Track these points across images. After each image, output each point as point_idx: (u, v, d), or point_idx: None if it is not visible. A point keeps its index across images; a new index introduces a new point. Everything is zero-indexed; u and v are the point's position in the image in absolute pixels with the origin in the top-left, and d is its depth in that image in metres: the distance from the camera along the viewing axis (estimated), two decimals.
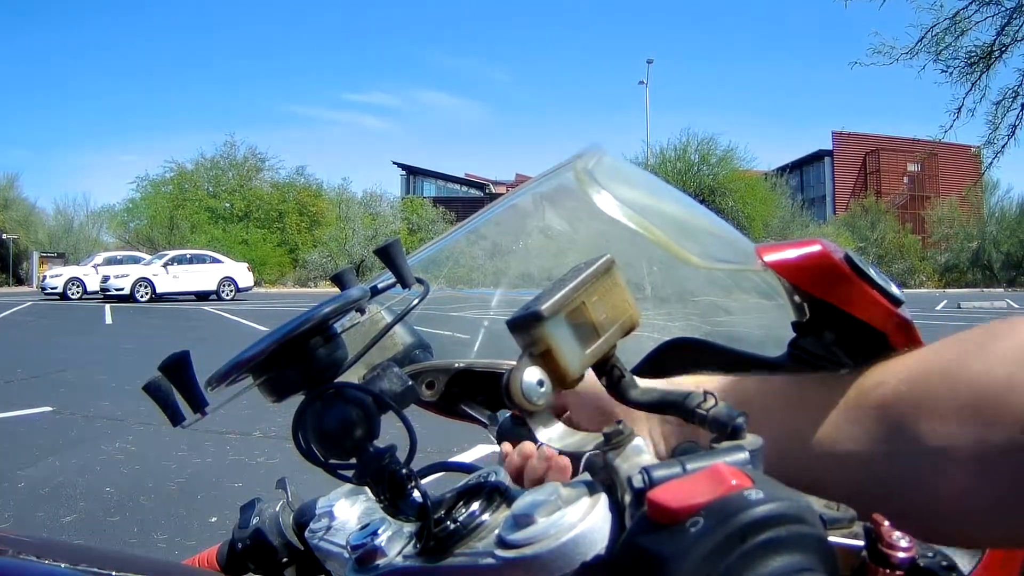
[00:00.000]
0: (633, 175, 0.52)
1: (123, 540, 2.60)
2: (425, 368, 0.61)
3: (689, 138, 34.47)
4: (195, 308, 16.49)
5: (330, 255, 30.67)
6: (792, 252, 0.38)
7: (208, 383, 0.35)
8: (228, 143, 34.11)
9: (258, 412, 4.25)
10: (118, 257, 22.45)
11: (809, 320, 0.40)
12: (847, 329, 0.38)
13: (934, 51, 8.09)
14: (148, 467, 3.52)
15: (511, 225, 0.62)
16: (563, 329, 0.32)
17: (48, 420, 4.57)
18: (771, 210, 34.99)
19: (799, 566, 0.22)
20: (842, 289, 0.37)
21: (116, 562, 0.43)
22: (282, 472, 0.70)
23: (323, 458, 0.35)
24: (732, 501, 0.23)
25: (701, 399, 0.32)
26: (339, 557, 0.47)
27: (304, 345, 0.36)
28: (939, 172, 40.94)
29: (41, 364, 6.92)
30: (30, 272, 28.30)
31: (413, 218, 34.63)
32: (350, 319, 0.49)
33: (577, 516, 0.30)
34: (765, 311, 0.45)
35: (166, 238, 29.92)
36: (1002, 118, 8.26)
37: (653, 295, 0.52)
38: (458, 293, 0.68)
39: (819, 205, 43.39)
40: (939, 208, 38.03)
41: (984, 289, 32.78)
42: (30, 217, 32.51)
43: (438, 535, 0.35)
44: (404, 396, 0.37)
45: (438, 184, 48.49)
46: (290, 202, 33.25)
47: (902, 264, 35.35)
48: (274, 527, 0.60)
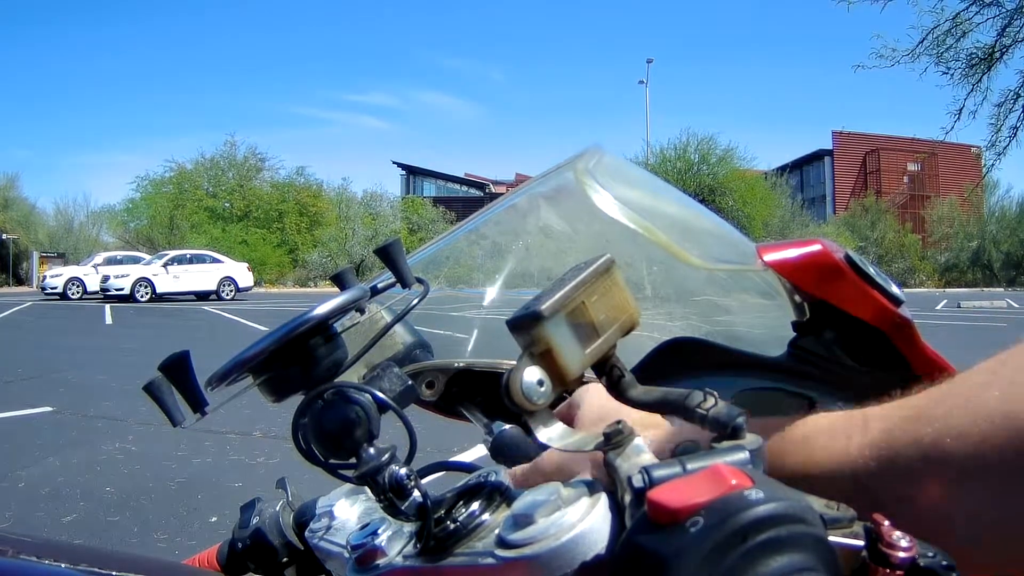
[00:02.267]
0: (633, 175, 0.52)
1: (123, 540, 2.61)
2: (425, 368, 0.61)
3: (689, 138, 34.54)
4: (195, 308, 16.50)
5: (330, 255, 30.67)
6: (792, 252, 0.38)
7: (208, 383, 0.35)
8: (228, 143, 34.17)
9: (258, 412, 4.25)
10: (118, 257, 22.47)
11: (809, 320, 0.40)
12: (847, 328, 0.38)
13: (935, 53, 8.10)
14: (148, 467, 3.52)
15: (511, 225, 0.62)
16: (563, 329, 0.32)
17: (48, 420, 4.57)
18: (771, 210, 35.00)
19: (799, 566, 0.22)
20: (842, 288, 0.37)
21: (116, 562, 0.43)
22: (282, 472, 0.70)
23: (323, 458, 0.35)
24: (732, 501, 0.23)
25: (701, 399, 0.32)
26: (339, 557, 0.47)
27: (304, 345, 0.36)
28: (939, 172, 40.94)
29: (41, 364, 6.92)
30: (30, 272, 28.31)
31: (413, 218, 34.63)
32: (350, 319, 0.49)
33: (577, 516, 0.30)
34: (765, 311, 0.45)
35: (166, 238, 29.93)
36: (1003, 120, 8.27)
37: (653, 295, 0.52)
38: (458, 293, 0.68)
39: (819, 205, 43.40)
40: (939, 208, 38.03)
41: (984, 289, 32.78)
42: (30, 217, 32.51)
43: (438, 535, 0.35)
44: (404, 396, 0.37)
45: (438, 184, 48.51)
46: (290, 202, 33.25)
47: (902, 264, 35.36)
48: (274, 527, 0.60)
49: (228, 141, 34.19)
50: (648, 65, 35.40)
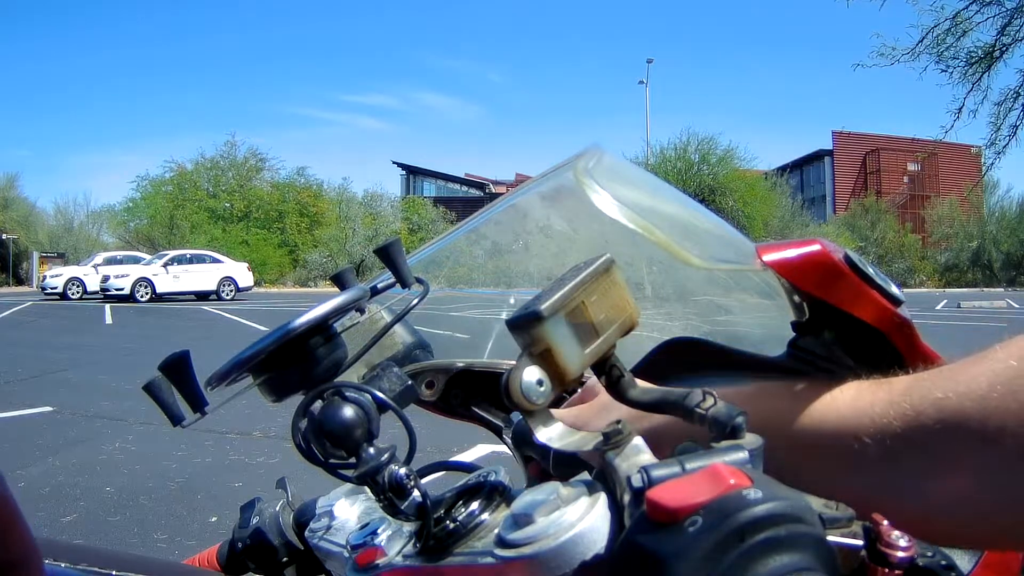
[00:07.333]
0: (633, 175, 0.52)
1: (123, 540, 2.61)
2: (425, 368, 0.61)
3: (689, 138, 34.50)
4: (195, 308, 16.49)
5: (330, 255, 30.66)
6: (792, 252, 0.38)
7: (208, 383, 0.36)
8: (228, 143, 34.17)
9: (258, 412, 4.25)
10: (118, 257, 22.46)
11: (809, 320, 0.40)
12: (847, 329, 0.38)
13: (935, 52, 8.10)
14: (148, 467, 3.52)
15: (511, 225, 0.62)
16: (562, 329, 0.32)
17: (48, 420, 4.57)
18: (771, 210, 34.97)
19: (798, 565, 0.22)
20: (841, 289, 0.37)
21: (116, 562, 0.43)
22: (282, 472, 0.70)
23: (323, 458, 0.35)
24: (731, 500, 0.23)
25: (701, 398, 0.32)
26: (339, 557, 0.47)
27: (304, 345, 0.36)
28: (939, 172, 40.91)
29: (41, 364, 6.92)
30: (30, 272, 28.30)
31: (413, 218, 34.61)
32: (350, 319, 0.49)
33: (576, 515, 0.30)
34: (765, 311, 0.45)
35: (166, 238, 29.92)
36: (1003, 119, 8.28)
37: (653, 295, 0.52)
38: (458, 293, 0.68)
39: (819, 205, 43.38)
40: (939, 208, 38.00)
41: (984, 289, 32.76)
42: (30, 217, 32.51)
43: (438, 535, 0.35)
44: (404, 396, 0.37)
45: (438, 184, 48.49)
46: (290, 202, 33.23)
47: (902, 264, 35.34)
48: (274, 527, 0.60)
49: (228, 141, 34.23)
50: (648, 65, 35.42)
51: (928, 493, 0.31)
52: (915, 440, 0.32)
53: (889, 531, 0.26)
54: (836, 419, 0.35)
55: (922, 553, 0.26)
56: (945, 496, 0.31)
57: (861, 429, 0.34)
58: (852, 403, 0.35)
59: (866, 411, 0.34)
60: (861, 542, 0.27)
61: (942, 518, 0.31)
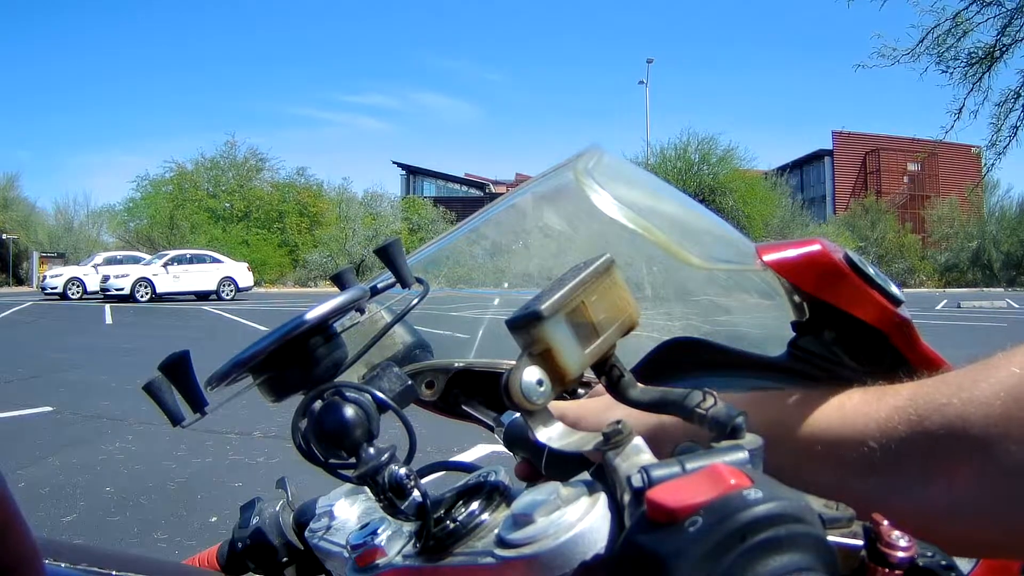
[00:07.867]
0: (633, 175, 0.52)
1: (123, 540, 2.61)
2: (425, 368, 0.61)
3: (689, 138, 34.50)
4: (195, 308, 16.49)
5: (330, 255, 30.66)
6: (792, 252, 0.38)
7: (208, 383, 0.36)
8: (228, 143, 34.16)
9: (258, 412, 4.25)
10: (118, 257, 22.46)
11: (809, 320, 0.40)
12: (847, 329, 0.38)
13: (936, 52, 8.10)
14: (148, 467, 3.52)
15: (511, 225, 0.62)
16: (562, 329, 0.32)
17: (48, 420, 4.57)
18: (771, 210, 34.97)
19: (798, 565, 0.22)
20: (841, 289, 0.37)
21: (116, 562, 0.43)
22: (282, 472, 0.70)
23: (323, 458, 0.35)
24: (731, 500, 0.23)
25: (701, 398, 0.32)
26: (339, 557, 0.47)
27: (304, 345, 0.36)
28: (939, 172, 40.92)
29: (41, 364, 6.92)
30: (30, 272, 28.30)
31: (413, 218, 34.62)
32: (350, 319, 0.49)
33: (576, 515, 0.30)
34: (765, 311, 0.45)
35: (166, 238, 29.91)
36: (1004, 119, 8.28)
37: (653, 295, 0.52)
38: (458, 293, 0.68)
39: (819, 205, 43.38)
40: (939, 208, 38.01)
41: (984, 289, 32.76)
42: (30, 217, 32.48)
43: (438, 535, 0.35)
44: (404, 396, 0.37)
45: (438, 184, 48.50)
46: (290, 202, 33.24)
47: (902, 264, 35.34)
48: (274, 527, 0.60)
49: (228, 141, 34.23)
50: (648, 65, 35.38)
51: (929, 498, 0.32)
52: (919, 444, 0.32)
53: (889, 531, 0.26)
54: (842, 424, 0.35)
55: (922, 553, 0.26)
56: (946, 501, 0.31)
57: (867, 434, 0.34)
58: (858, 408, 0.35)
59: (872, 416, 0.34)
60: (861, 542, 0.27)
61: (942, 523, 0.31)
